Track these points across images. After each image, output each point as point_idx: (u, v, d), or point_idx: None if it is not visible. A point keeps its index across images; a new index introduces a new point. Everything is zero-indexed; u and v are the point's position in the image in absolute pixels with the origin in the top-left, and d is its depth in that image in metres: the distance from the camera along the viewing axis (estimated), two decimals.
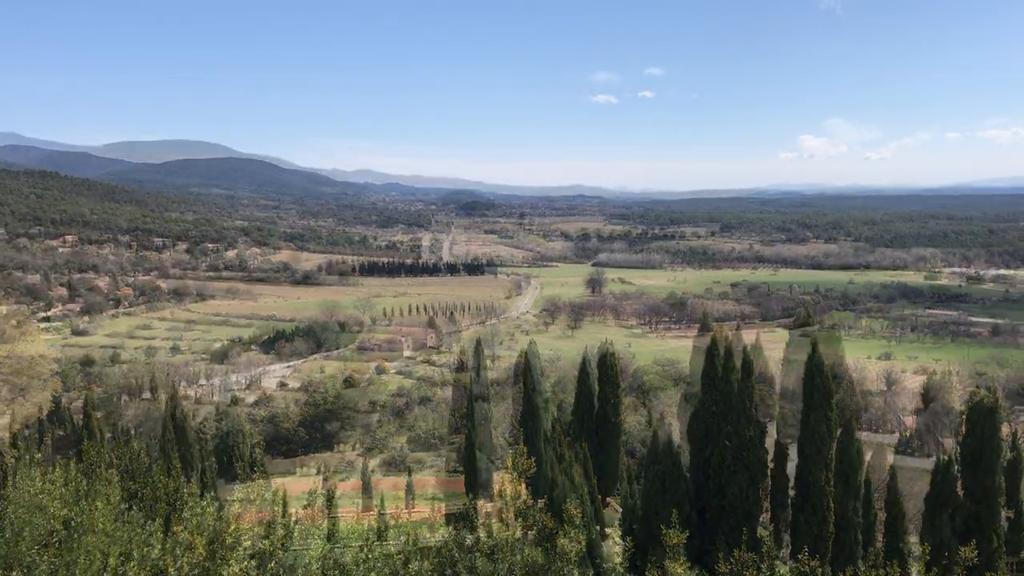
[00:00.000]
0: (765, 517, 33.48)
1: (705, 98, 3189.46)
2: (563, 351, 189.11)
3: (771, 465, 33.28)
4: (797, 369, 32.98)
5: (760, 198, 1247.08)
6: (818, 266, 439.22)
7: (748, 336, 35.13)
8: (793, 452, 32.98)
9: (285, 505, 23.88)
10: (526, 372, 41.04)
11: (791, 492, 32.99)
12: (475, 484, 38.79)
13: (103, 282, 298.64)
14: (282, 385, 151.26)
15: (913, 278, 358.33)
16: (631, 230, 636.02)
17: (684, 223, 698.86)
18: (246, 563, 10.52)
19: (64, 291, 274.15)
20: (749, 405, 32.40)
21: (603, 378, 39.60)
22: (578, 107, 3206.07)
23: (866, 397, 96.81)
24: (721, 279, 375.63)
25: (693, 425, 32.76)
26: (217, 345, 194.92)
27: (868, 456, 34.48)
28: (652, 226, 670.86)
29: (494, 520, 12.14)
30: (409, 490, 42.16)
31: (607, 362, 40.28)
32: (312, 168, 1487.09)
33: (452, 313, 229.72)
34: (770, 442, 33.49)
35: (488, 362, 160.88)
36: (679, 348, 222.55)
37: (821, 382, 32.56)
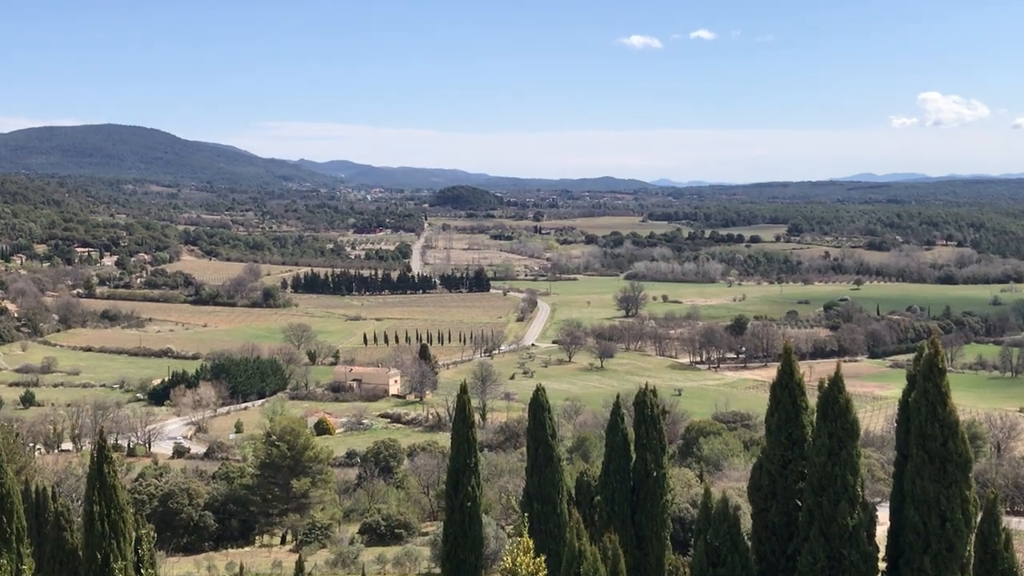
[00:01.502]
0: None
1: (782, 40, 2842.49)
2: (586, 396, 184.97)
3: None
4: (917, 425, 29.27)
5: (865, 183, 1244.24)
6: (949, 279, 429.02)
7: (847, 381, 31.75)
8: (883, 515, 31.29)
9: None
10: (535, 418, 39.27)
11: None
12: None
13: None
14: (179, 452, 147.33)
15: None
16: (677, 231, 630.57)
17: (749, 221, 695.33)
18: None
19: None
20: (853, 482, 29.52)
21: (641, 420, 39.12)
22: (606, 56, 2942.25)
23: (1016, 466, 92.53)
24: (807, 296, 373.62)
25: (756, 476, 31.81)
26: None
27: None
28: (706, 225, 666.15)
29: None
30: None
31: (647, 402, 39.44)
32: (277, 158, 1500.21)
33: (426, 348, 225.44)
34: None
35: (479, 416, 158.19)
36: (746, 390, 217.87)
37: (955, 447, 29.08)
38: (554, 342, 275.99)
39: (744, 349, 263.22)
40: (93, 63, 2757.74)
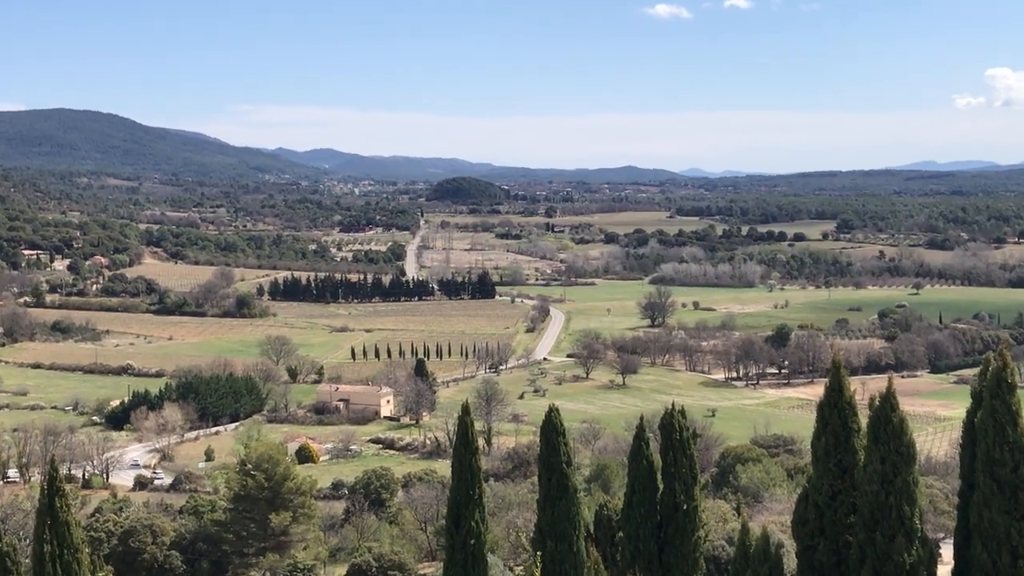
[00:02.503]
0: None
1: (829, 8, 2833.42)
2: (606, 417, 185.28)
3: None
4: (984, 449, 29.30)
5: (925, 172, 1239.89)
6: (1021, 283, 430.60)
7: (905, 399, 31.76)
8: (946, 552, 32.07)
9: None
10: (548, 443, 39.12)
11: None
12: None
13: None
14: (141, 483, 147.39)
15: None
16: (710, 228, 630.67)
17: (792, 216, 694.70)
18: None
19: None
20: (911, 513, 29.72)
21: (669, 445, 39.12)
22: (627, 28, 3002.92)
23: None
24: (859, 302, 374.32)
25: (802, 508, 31.97)
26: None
27: None
28: (742, 222, 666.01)
29: None
30: None
31: (675, 424, 39.36)
32: (252, 147, 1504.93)
33: (423, 363, 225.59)
34: None
35: (484, 441, 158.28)
36: (789, 410, 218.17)
37: None
38: (569, 356, 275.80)
39: (787, 363, 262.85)
40: (40, 38, 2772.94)
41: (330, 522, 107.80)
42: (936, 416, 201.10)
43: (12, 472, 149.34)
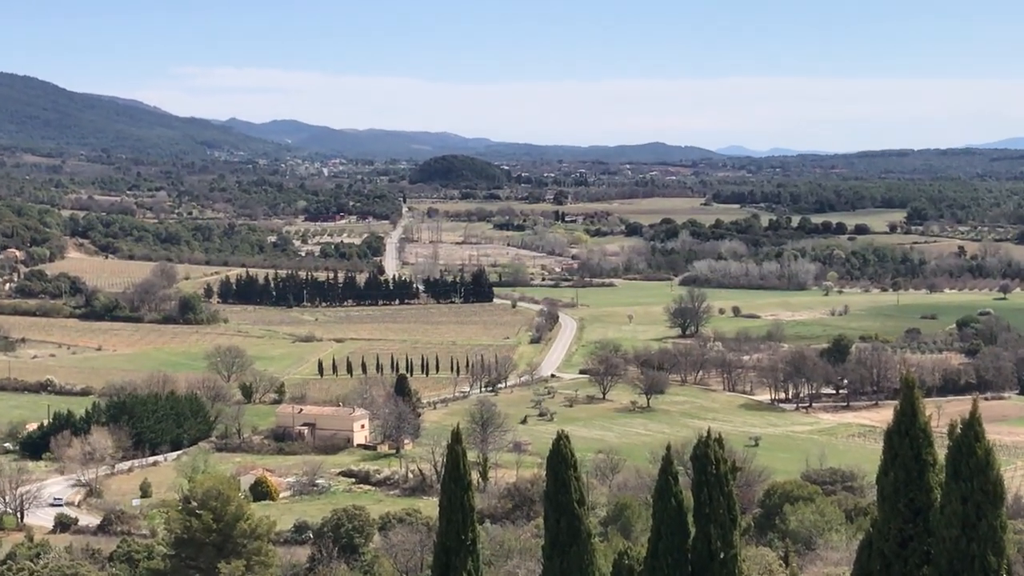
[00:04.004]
0: None
1: None
2: (627, 447, 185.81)
3: None
4: None
5: (1015, 152, 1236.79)
6: None
7: (991, 426, 31.84)
8: None
9: None
10: (556, 478, 39.28)
11: None
12: None
13: None
14: (63, 523, 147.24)
15: None
16: (753, 218, 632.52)
17: (853, 205, 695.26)
18: None
19: None
20: (997, 564, 29.87)
21: (703, 480, 38.91)
22: None
23: None
24: (934, 308, 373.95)
25: (864, 557, 32.33)
26: None
27: None
28: (793, 211, 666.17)
29: None
30: None
31: (710, 455, 39.16)
32: (199, 117, 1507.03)
33: (405, 380, 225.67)
34: None
35: (478, 474, 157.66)
36: (849, 438, 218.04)
37: None
38: (582, 372, 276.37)
39: (846, 382, 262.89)
40: None
41: (292, 572, 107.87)
42: None
43: None
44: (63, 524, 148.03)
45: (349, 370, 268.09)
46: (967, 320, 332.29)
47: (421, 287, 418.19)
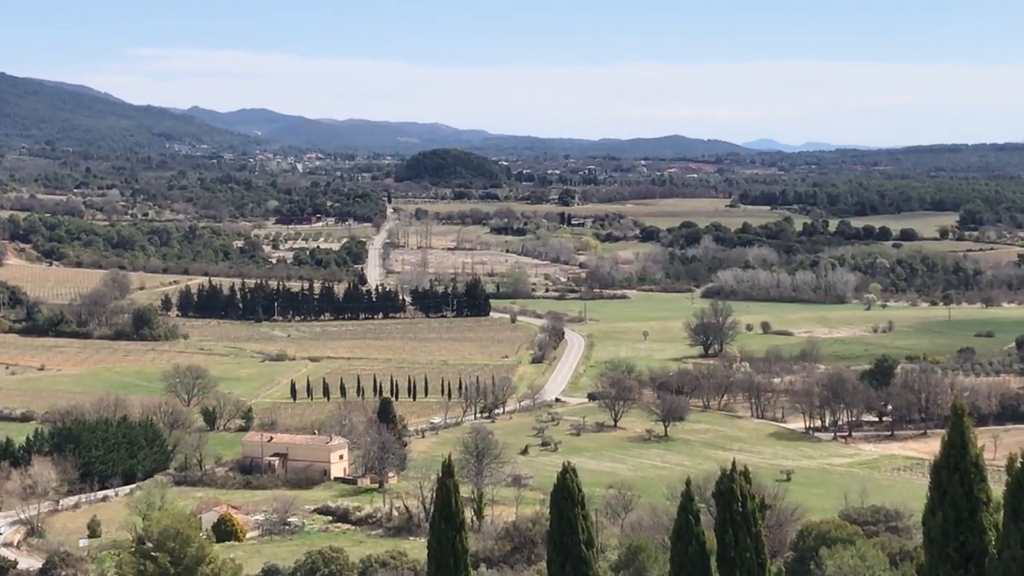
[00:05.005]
0: None
1: None
2: (641, 481, 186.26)
3: None
4: None
5: None
6: None
7: None
8: None
9: None
10: (561, 516, 37.94)
11: None
12: None
13: None
14: (0, 567, 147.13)
15: None
16: (785, 221, 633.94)
17: (899, 207, 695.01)
18: None
19: None
20: None
21: (728, 519, 39.95)
22: None
23: None
24: (990, 324, 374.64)
25: None
26: None
27: None
28: (830, 213, 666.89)
29: None
30: None
31: (736, 491, 40.35)
32: (156, 105, 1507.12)
33: (389, 404, 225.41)
34: None
35: (473, 512, 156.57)
36: (893, 472, 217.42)
37: None
38: (591, 396, 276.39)
39: (890, 408, 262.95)
40: None
41: None
42: None
43: None
44: (0, 568, 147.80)
45: (326, 393, 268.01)
46: None
47: (408, 299, 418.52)
